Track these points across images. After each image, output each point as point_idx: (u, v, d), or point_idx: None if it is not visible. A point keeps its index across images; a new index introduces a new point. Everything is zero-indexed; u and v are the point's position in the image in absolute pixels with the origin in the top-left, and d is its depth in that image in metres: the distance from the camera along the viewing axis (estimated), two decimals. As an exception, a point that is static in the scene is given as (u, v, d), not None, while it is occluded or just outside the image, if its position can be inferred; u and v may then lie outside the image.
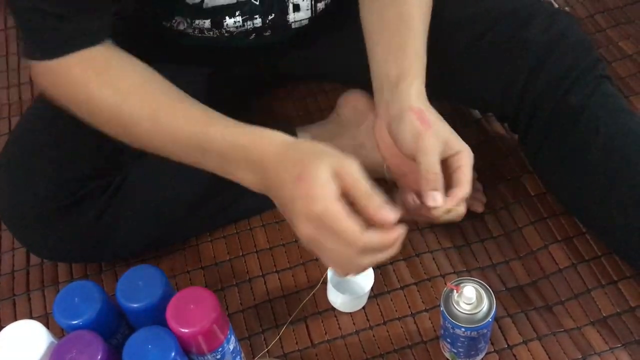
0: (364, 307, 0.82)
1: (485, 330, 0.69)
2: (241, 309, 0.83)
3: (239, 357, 0.73)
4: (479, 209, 0.88)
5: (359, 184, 0.56)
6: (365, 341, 0.79)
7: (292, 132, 0.90)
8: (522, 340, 0.78)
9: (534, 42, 0.78)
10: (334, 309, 0.82)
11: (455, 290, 0.67)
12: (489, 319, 0.67)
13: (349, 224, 0.55)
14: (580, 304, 0.81)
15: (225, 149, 0.61)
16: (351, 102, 0.94)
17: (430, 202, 0.66)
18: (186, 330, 0.63)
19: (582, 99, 0.76)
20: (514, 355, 0.77)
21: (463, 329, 0.68)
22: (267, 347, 0.79)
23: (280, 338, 0.80)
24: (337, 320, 0.81)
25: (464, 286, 0.67)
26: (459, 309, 0.67)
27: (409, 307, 0.82)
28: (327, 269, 0.80)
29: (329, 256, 0.59)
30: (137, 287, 0.66)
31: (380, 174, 0.88)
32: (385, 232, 0.57)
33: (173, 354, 0.62)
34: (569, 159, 0.79)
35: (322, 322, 0.81)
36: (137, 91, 0.64)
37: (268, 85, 1.04)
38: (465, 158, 0.68)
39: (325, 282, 0.81)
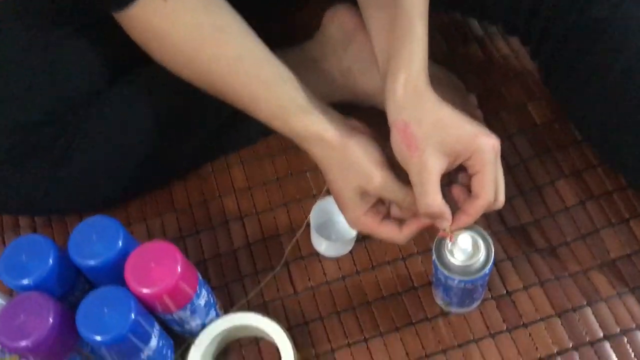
0: (350, 252, 0.75)
1: (481, 282, 0.63)
2: (218, 254, 0.76)
3: (213, 309, 0.67)
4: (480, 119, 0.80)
5: (386, 195, 0.59)
6: (352, 287, 0.73)
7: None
8: (522, 286, 0.72)
9: None
10: (318, 253, 0.76)
11: (448, 239, 0.60)
12: (486, 270, 0.60)
13: (383, 231, 0.61)
14: (587, 245, 0.74)
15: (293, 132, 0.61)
16: (337, 19, 0.82)
17: (439, 226, 0.59)
18: (147, 291, 0.57)
19: (607, 11, 0.65)
20: (513, 302, 0.71)
21: (457, 281, 0.61)
22: (246, 296, 0.73)
23: (260, 284, 0.74)
24: (321, 265, 0.75)
25: (458, 234, 0.60)
26: (452, 259, 0.60)
27: (400, 250, 0.75)
28: (310, 211, 0.73)
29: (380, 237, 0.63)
30: (90, 241, 0.59)
31: (372, 102, 0.79)
32: (421, 220, 0.60)
33: (132, 315, 0.56)
34: (587, 78, 0.68)
35: (305, 267, 0.75)
36: (215, 36, 0.60)
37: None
38: (482, 159, 0.55)
39: (309, 225, 0.74)
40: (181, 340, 0.68)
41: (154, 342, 0.61)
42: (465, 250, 0.59)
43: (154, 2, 0.57)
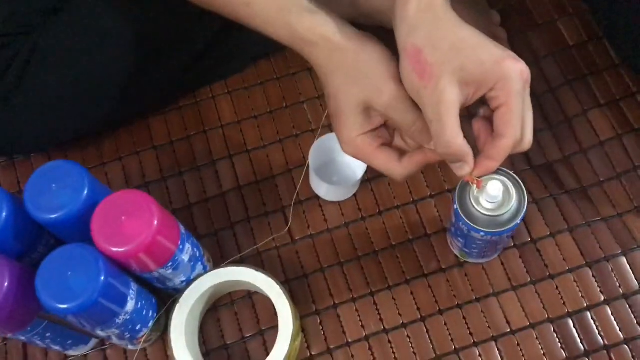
0: (355, 195, 0.66)
1: (509, 234, 0.54)
2: (205, 198, 0.67)
3: (199, 263, 0.59)
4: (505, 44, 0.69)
5: (394, 116, 0.49)
6: (357, 235, 0.65)
7: None
8: (549, 233, 0.64)
9: None
10: (318, 197, 0.67)
11: (474, 185, 0.51)
12: (517, 221, 0.52)
13: (379, 158, 0.51)
14: (623, 185, 0.65)
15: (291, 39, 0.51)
16: None
17: (457, 172, 0.49)
18: (119, 250, 0.48)
19: None
20: (538, 251, 0.63)
21: (482, 233, 0.53)
22: (238, 245, 0.65)
23: (253, 233, 0.66)
24: (322, 210, 0.66)
25: (488, 180, 0.51)
26: (478, 208, 0.52)
27: (411, 192, 0.66)
28: (308, 148, 0.63)
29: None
30: (50, 190, 0.50)
31: (379, 20, 0.68)
32: (427, 153, 0.51)
33: (102, 278, 0.48)
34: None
35: (304, 213, 0.66)
36: None
37: None
38: (508, 89, 0.45)
39: (309, 166, 0.65)
40: (166, 295, 0.61)
41: (130, 304, 0.53)
42: (495, 198, 0.51)
43: None
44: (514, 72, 0.45)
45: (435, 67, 0.45)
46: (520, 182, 0.52)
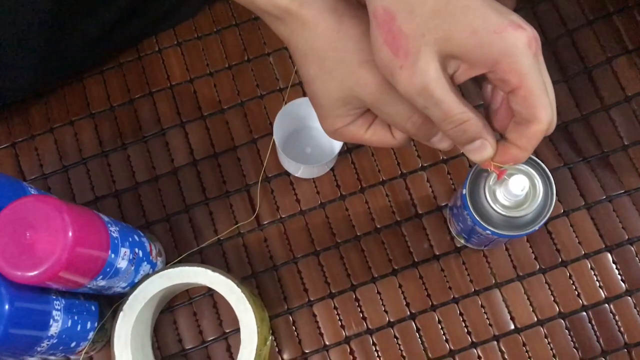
0: (332, 168, 0.56)
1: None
2: (154, 176, 0.57)
3: (145, 262, 0.49)
4: (510, 4, 0.57)
5: (384, 110, 0.39)
6: (335, 218, 0.55)
7: None
8: (562, 211, 0.54)
9: None
10: (288, 173, 0.56)
11: (494, 173, 0.40)
12: (537, 225, 0.41)
13: (372, 140, 0.42)
14: (652, 150, 0.55)
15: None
16: None
17: (477, 156, 0.37)
18: (26, 274, 0.38)
19: None
20: (549, 233, 0.53)
21: (490, 232, 0.42)
22: (194, 232, 0.55)
23: (212, 218, 0.55)
24: (293, 188, 0.56)
25: (512, 173, 0.40)
26: (492, 204, 0.41)
27: (398, 164, 0.56)
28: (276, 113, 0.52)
29: None
30: None
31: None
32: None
33: (6, 307, 0.38)
34: None
35: (272, 192, 0.56)
36: None
37: None
38: (517, 69, 0.33)
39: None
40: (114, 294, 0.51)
41: (56, 326, 0.44)
42: (517, 196, 0.40)
43: None
44: (520, 43, 0.33)
45: (411, 40, 0.33)
46: (550, 175, 0.41)
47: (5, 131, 0.58)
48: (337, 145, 0.54)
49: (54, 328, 0.43)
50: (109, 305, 0.52)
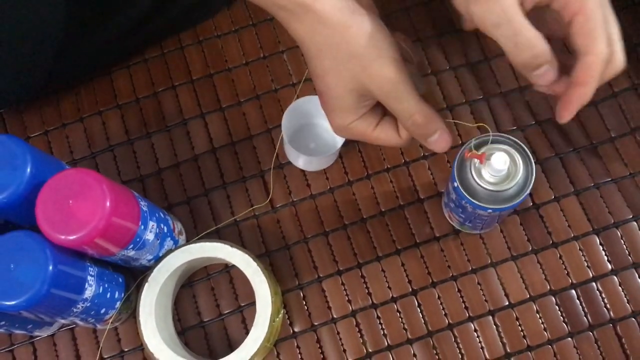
0: (340, 156, 0.60)
1: (514, 208, 0.48)
2: (176, 163, 0.61)
3: (168, 238, 0.54)
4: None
5: (393, 104, 0.43)
6: (343, 202, 0.59)
7: None
8: (552, 197, 0.58)
9: None
10: (299, 160, 0.61)
11: (476, 159, 0.45)
12: (522, 196, 0.46)
13: (379, 137, 0.46)
14: (637, 141, 0.59)
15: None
16: None
17: (541, 80, 0.41)
18: (68, 237, 0.43)
19: None
20: (541, 217, 0.58)
21: (489, 210, 0.47)
22: (212, 214, 0.60)
23: (230, 201, 0.60)
24: (304, 174, 0.60)
25: (492, 152, 0.44)
26: (481, 183, 0.46)
27: (402, 154, 0.60)
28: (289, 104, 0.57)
29: None
30: (-12, 170, 0.44)
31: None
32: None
33: (50, 268, 0.43)
34: None
35: (284, 177, 0.60)
36: None
37: None
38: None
39: (286, 124, 0.58)
40: (138, 270, 0.56)
41: (90, 290, 0.48)
42: (499, 172, 0.45)
43: None
44: None
45: None
46: (527, 151, 0.46)
47: (39, 120, 0.63)
48: (339, 143, 0.58)
49: (88, 292, 0.48)
50: (134, 279, 0.56)
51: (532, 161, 0.46)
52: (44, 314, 0.46)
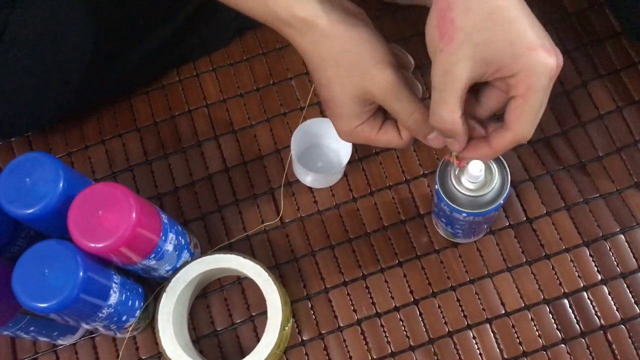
0: (345, 174, 0.64)
1: (493, 214, 0.52)
2: (191, 181, 0.66)
3: (185, 251, 0.58)
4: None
5: (391, 105, 0.46)
6: (348, 217, 0.63)
7: None
8: (545, 211, 0.62)
9: None
10: (307, 178, 0.65)
11: (455, 164, 0.49)
12: (500, 201, 0.50)
13: (381, 140, 0.49)
14: (623, 160, 0.63)
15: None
16: None
17: (448, 146, 0.46)
18: (97, 245, 0.47)
19: None
20: (534, 231, 0.61)
21: (464, 214, 0.51)
22: (225, 229, 0.63)
23: (241, 217, 0.64)
24: (311, 191, 0.64)
25: (470, 159, 0.48)
26: (459, 189, 0.50)
27: (403, 172, 0.64)
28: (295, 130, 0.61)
29: None
30: (24, 185, 0.48)
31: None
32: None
33: (81, 274, 0.46)
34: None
35: (293, 194, 0.64)
36: None
37: None
38: (530, 83, 0.40)
39: (295, 145, 0.63)
40: (154, 282, 0.60)
41: (114, 297, 0.52)
42: (477, 178, 0.49)
43: None
44: (543, 66, 0.39)
45: (458, 33, 0.40)
46: (503, 160, 0.50)
47: (63, 142, 0.68)
48: (345, 159, 0.62)
49: (112, 298, 0.52)
50: (152, 291, 0.60)
51: (508, 171, 0.50)
52: (72, 317, 0.49)
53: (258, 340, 0.56)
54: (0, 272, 0.48)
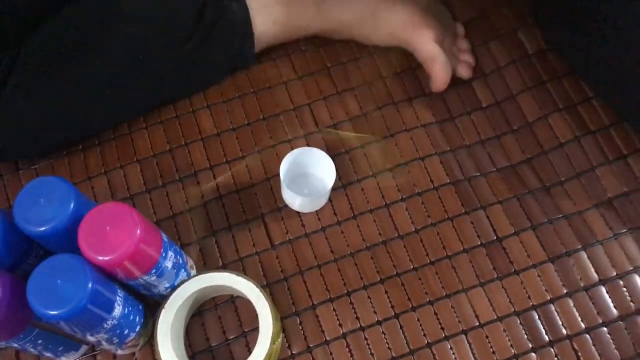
0: (330, 200, 0.70)
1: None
2: (188, 209, 0.71)
3: (182, 270, 0.62)
4: (466, 73, 0.74)
5: None
6: (333, 239, 0.68)
7: None
8: (513, 231, 0.67)
9: None
10: (295, 204, 0.70)
11: None
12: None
13: None
14: (582, 184, 0.69)
15: None
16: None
17: None
18: (105, 258, 0.51)
19: None
20: (504, 249, 0.67)
21: None
22: (219, 252, 0.68)
23: (234, 240, 0.69)
24: (299, 216, 0.70)
25: None
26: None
27: (383, 197, 0.70)
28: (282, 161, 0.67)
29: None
30: (38, 205, 0.53)
31: (348, 34, 0.73)
32: None
33: (90, 285, 0.51)
34: (580, 11, 0.62)
35: (282, 219, 0.69)
36: None
37: None
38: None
39: (283, 173, 0.68)
40: (153, 302, 0.64)
41: (118, 310, 0.56)
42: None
43: None
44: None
45: None
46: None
47: (67, 173, 0.73)
48: (329, 185, 0.67)
49: (117, 311, 0.56)
50: (150, 310, 0.64)
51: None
52: (80, 327, 0.53)
53: (250, 353, 0.60)
54: (14, 287, 0.52)
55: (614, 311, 0.64)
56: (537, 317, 0.64)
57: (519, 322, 0.64)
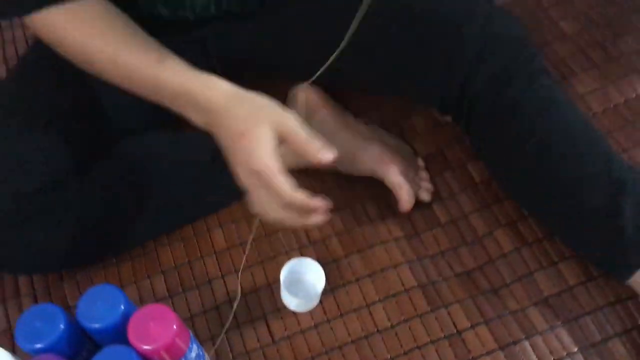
0: (321, 302, 0.85)
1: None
2: (203, 311, 0.86)
3: (202, 360, 0.76)
4: (427, 197, 0.92)
5: (298, 135, 0.63)
6: (324, 334, 0.83)
7: None
8: (470, 325, 0.83)
9: (472, 39, 0.80)
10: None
11: None
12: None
13: (281, 181, 0.62)
14: (523, 286, 0.86)
15: (175, 93, 0.65)
16: (300, 97, 0.95)
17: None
18: (148, 347, 0.66)
19: (517, 94, 0.79)
20: (463, 340, 0.82)
21: None
22: (230, 348, 0.82)
23: (242, 336, 0.83)
24: (296, 316, 0.85)
25: None
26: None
27: (364, 298, 0.86)
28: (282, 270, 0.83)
29: (258, 200, 0.66)
30: (96, 307, 0.68)
31: (334, 169, 0.91)
32: (308, 199, 0.64)
33: (137, 369, 0.65)
34: (509, 151, 0.82)
35: (281, 318, 0.84)
36: (101, 34, 0.68)
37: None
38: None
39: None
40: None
41: (153, 392, 0.69)
42: None
43: (51, 14, 0.66)
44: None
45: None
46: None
47: (103, 281, 0.88)
48: (319, 289, 0.83)
49: (152, 393, 0.69)
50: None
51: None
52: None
53: None
54: (74, 373, 0.66)
55: (554, 390, 0.78)
56: (491, 396, 0.78)
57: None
